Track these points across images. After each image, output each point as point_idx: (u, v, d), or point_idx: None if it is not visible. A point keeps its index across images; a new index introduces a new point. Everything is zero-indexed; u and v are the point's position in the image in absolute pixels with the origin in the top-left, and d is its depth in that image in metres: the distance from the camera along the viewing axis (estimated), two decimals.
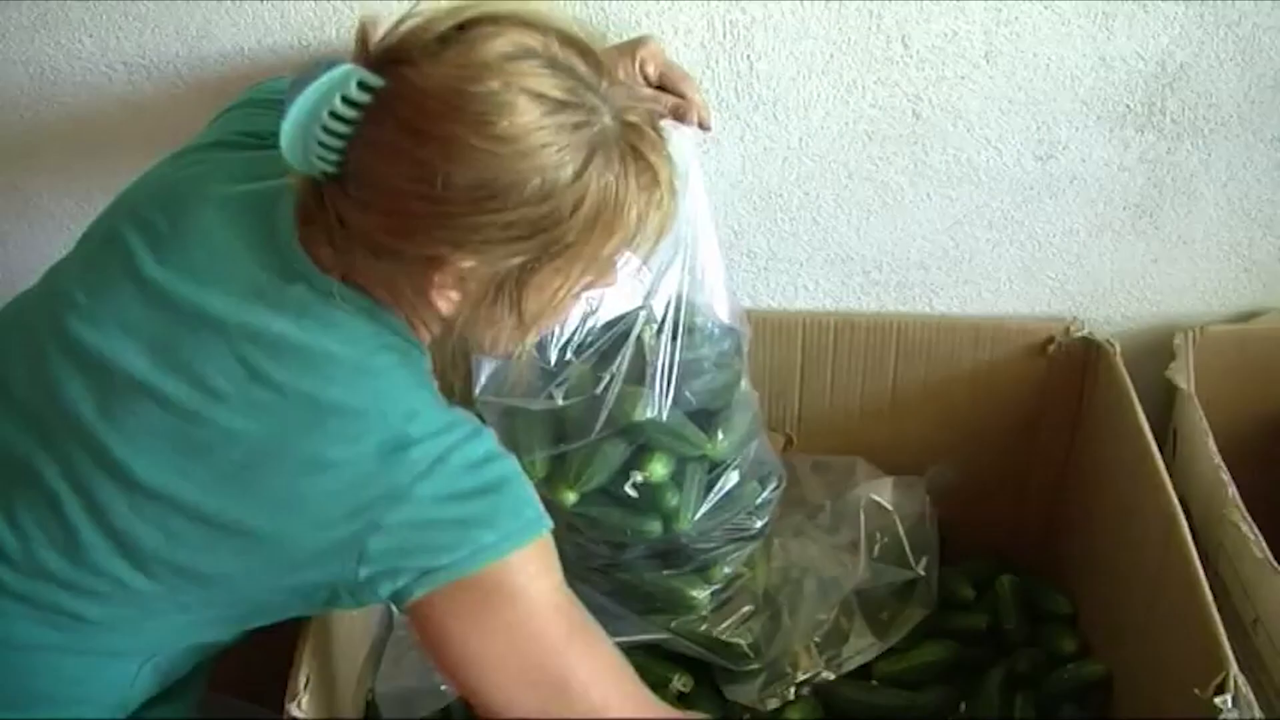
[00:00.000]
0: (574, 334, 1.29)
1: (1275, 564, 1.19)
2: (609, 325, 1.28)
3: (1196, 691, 1.05)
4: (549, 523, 0.97)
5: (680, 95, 1.19)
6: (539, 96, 0.85)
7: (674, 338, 1.24)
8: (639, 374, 1.23)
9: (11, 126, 1.40)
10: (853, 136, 1.39)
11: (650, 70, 1.18)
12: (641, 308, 1.24)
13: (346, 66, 0.85)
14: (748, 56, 1.34)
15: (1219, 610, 1.10)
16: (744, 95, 1.36)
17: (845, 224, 1.45)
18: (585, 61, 0.89)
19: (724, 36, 1.32)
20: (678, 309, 1.26)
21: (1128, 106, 1.37)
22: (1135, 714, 1.30)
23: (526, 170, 0.85)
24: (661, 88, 1.19)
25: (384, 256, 0.90)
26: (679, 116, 1.19)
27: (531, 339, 0.98)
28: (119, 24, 1.34)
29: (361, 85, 0.85)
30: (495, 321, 0.94)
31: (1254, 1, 1.30)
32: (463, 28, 0.86)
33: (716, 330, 1.28)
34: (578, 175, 0.87)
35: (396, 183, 0.86)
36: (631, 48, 1.18)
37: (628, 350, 1.23)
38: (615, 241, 0.92)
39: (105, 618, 0.96)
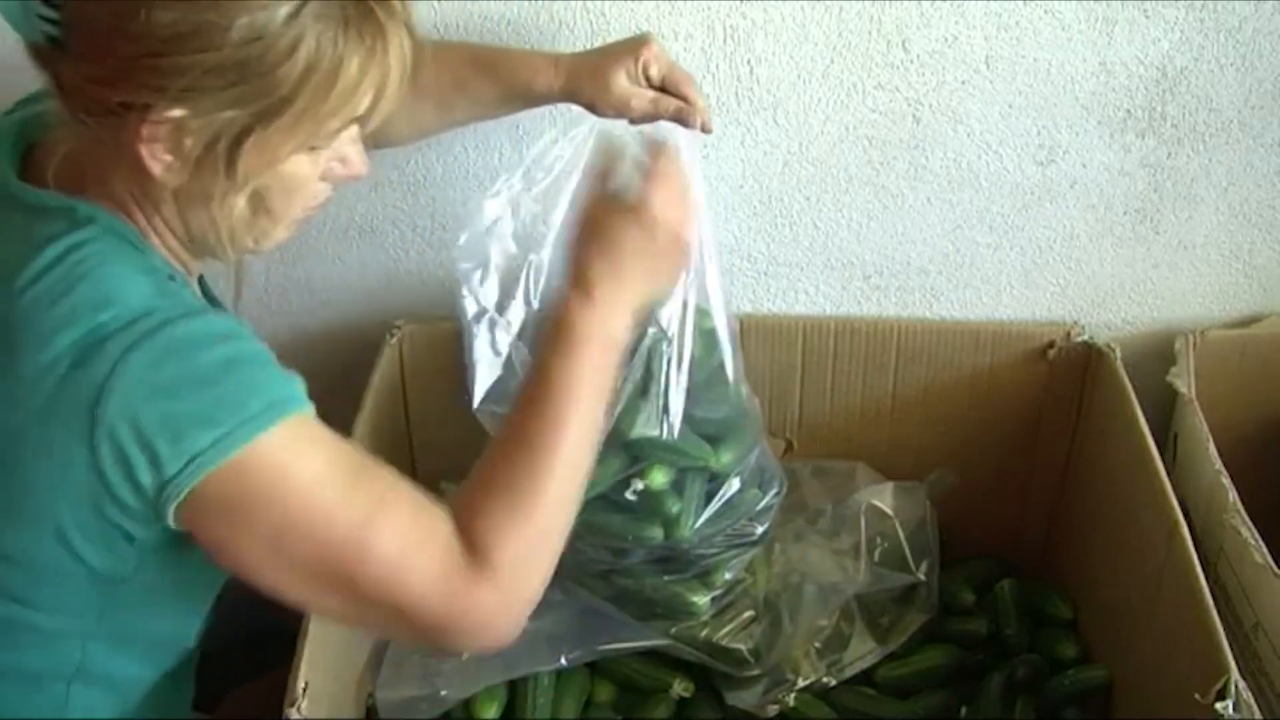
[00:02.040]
0: None
1: (1276, 568, 1.19)
2: None
3: (1197, 696, 1.05)
4: (293, 406, 0.89)
5: (682, 98, 1.18)
6: None
7: (680, 356, 1.24)
8: (644, 389, 1.23)
9: None
10: (853, 141, 1.39)
11: (653, 72, 1.18)
12: (649, 321, 1.24)
13: None
14: (748, 61, 1.34)
15: (1220, 615, 1.10)
16: (744, 99, 1.36)
17: (845, 228, 1.45)
18: None
19: (724, 41, 1.32)
20: (681, 320, 1.26)
21: (1128, 111, 1.37)
22: (1136, 719, 1.29)
23: (233, 7, 0.80)
24: (664, 89, 1.19)
25: (95, 113, 0.84)
26: (680, 120, 1.19)
27: (264, 223, 0.92)
28: None
29: None
30: (215, 194, 0.88)
31: (1254, 6, 1.30)
32: None
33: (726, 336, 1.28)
34: (291, 17, 0.82)
35: (103, 22, 0.81)
36: (634, 46, 1.18)
37: (637, 365, 1.23)
38: (334, 98, 0.86)
39: None
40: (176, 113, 0.83)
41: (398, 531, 0.90)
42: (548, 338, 0.99)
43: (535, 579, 0.95)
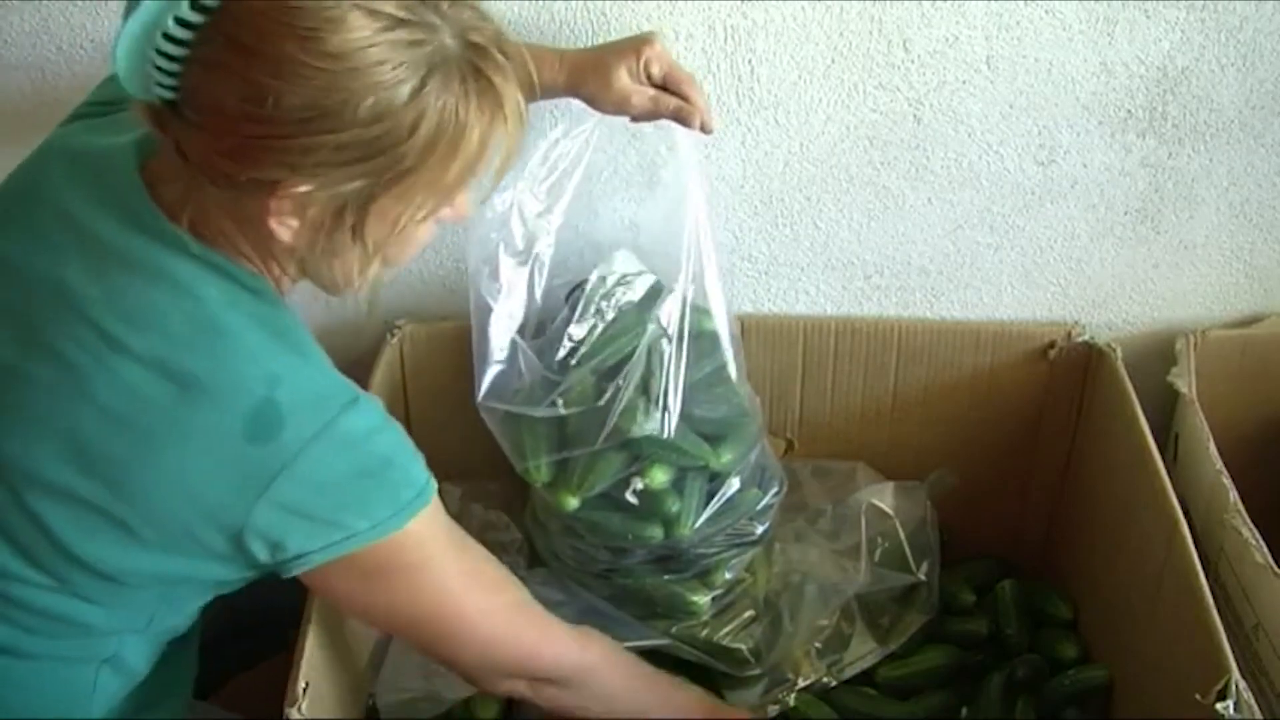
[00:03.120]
0: (580, 342, 1.29)
1: (1276, 568, 1.19)
2: (616, 335, 1.28)
3: (1198, 696, 1.05)
4: (430, 493, 0.98)
5: (684, 98, 1.19)
6: (373, 12, 0.81)
7: (680, 354, 1.24)
8: (645, 387, 1.23)
9: (13, 131, 1.40)
10: (854, 141, 1.39)
11: (654, 70, 1.19)
12: (650, 319, 1.24)
13: None
14: (749, 61, 1.34)
15: (1220, 615, 1.10)
16: (745, 99, 1.36)
17: (846, 228, 1.45)
18: None
19: (725, 41, 1.32)
20: (681, 319, 1.26)
21: (1129, 111, 1.37)
22: (1136, 719, 1.29)
23: (359, 89, 0.82)
24: (665, 89, 1.20)
25: (221, 184, 0.86)
26: (681, 119, 1.19)
27: (378, 270, 0.95)
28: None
29: (194, 4, 0.81)
30: (340, 252, 0.91)
31: (1255, 6, 1.30)
32: None
33: (727, 336, 1.28)
34: (414, 95, 0.83)
35: (228, 103, 0.82)
36: (636, 45, 1.19)
37: (638, 363, 1.23)
38: (458, 166, 0.88)
39: (27, 620, 0.96)
40: (304, 188, 0.85)
41: (497, 602, 1.08)
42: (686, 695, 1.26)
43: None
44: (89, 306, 0.91)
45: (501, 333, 1.29)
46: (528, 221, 1.29)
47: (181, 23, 0.81)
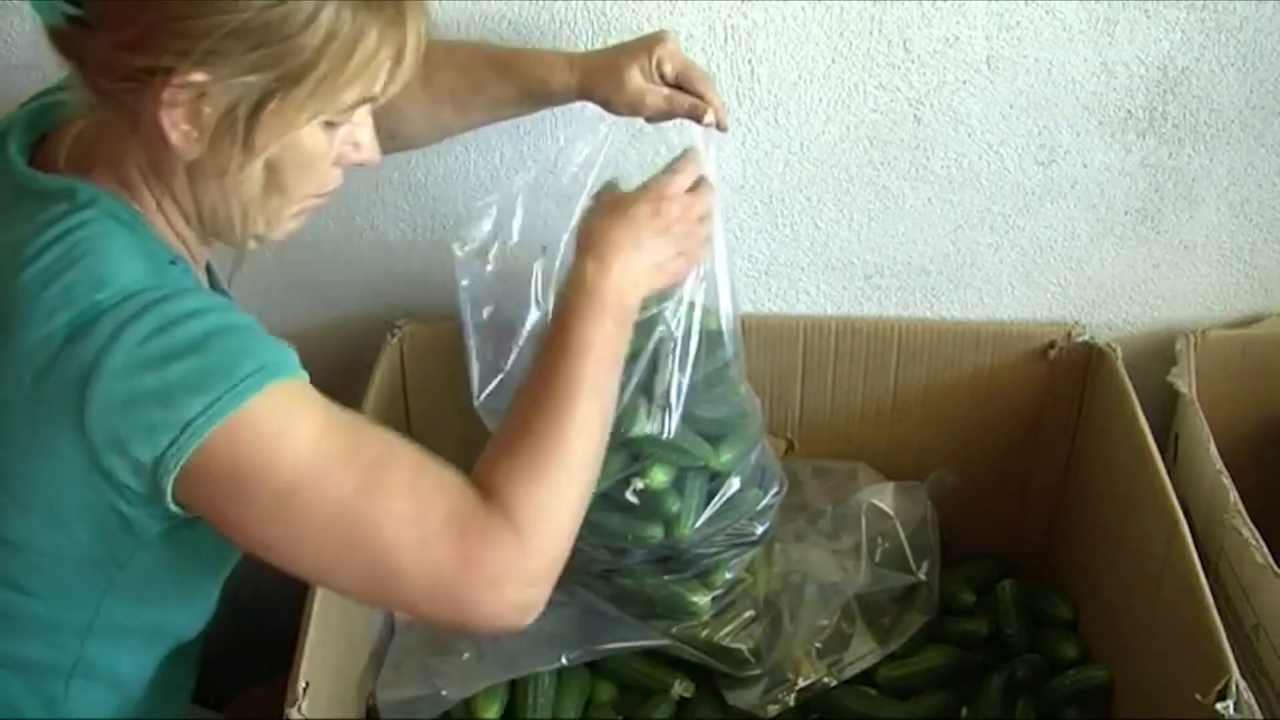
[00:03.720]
0: None
1: (1276, 568, 1.19)
2: None
3: (1198, 696, 1.05)
4: (284, 370, 0.89)
5: (698, 96, 1.18)
6: None
7: (684, 354, 1.24)
8: (647, 388, 1.23)
9: None
10: (854, 141, 1.39)
11: (667, 69, 1.18)
12: (656, 314, 1.24)
13: None
14: (749, 61, 1.34)
15: (1220, 615, 1.10)
16: (745, 99, 1.36)
17: (846, 228, 1.45)
18: None
19: (725, 41, 1.32)
20: (686, 319, 1.26)
21: (1129, 111, 1.37)
22: (1136, 719, 1.29)
23: None
24: (679, 87, 1.19)
25: (116, 80, 0.86)
26: (695, 117, 1.19)
27: (277, 201, 0.93)
28: None
29: None
30: (227, 162, 0.89)
31: (1255, 6, 1.30)
32: None
33: (729, 336, 1.28)
34: None
35: None
36: (649, 44, 1.18)
37: (640, 363, 1.23)
38: (353, 66, 0.87)
39: None
40: (198, 77, 0.84)
41: (403, 484, 0.90)
42: (564, 303, 1.01)
43: (557, 532, 0.94)
44: None
45: (500, 332, 1.29)
46: (528, 226, 1.29)
47: None
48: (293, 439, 0.87)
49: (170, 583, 1.01)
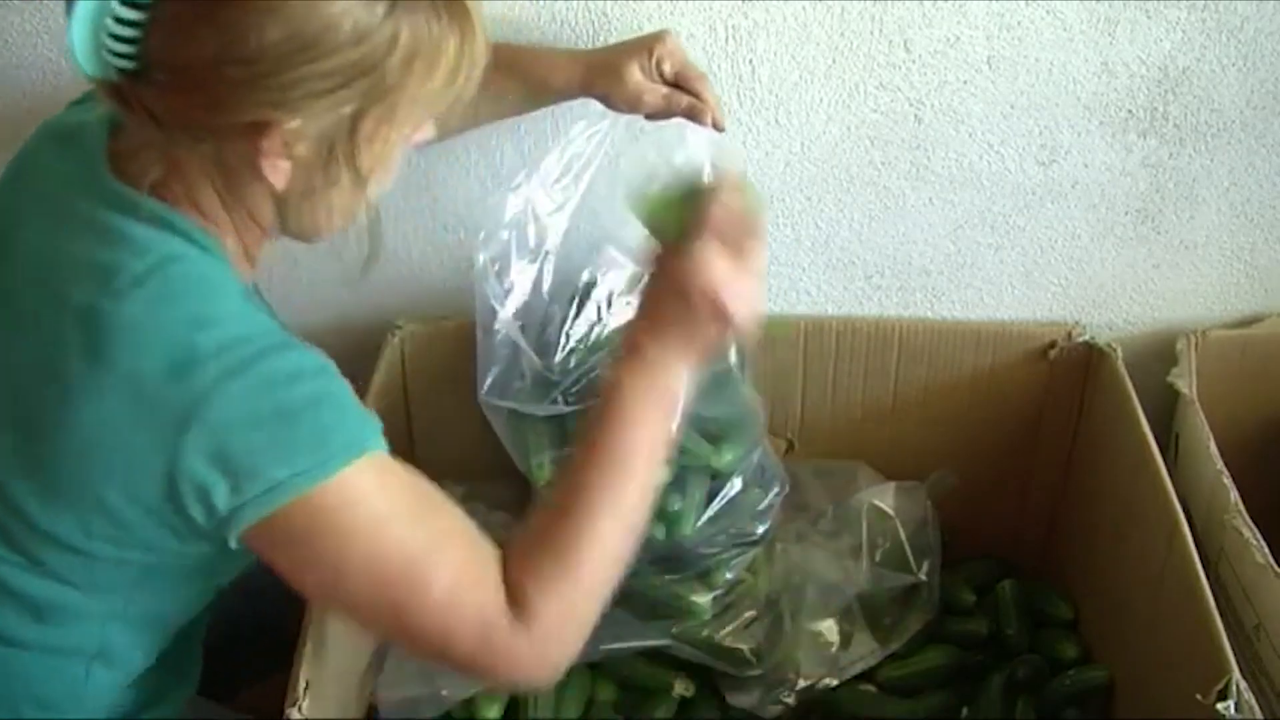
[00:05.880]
0: (582, 340, 1.29)
1: (1277, 569, 1.19)
2: (618, 333, 1.28)
3: (1199, 697, 1.05)
4: (370, 447, 0.91)
5: (695, 95, 1.19)
6: None
7: None
8: None
9: (14, 131, 1.40)
10: (855, 141, 1.39)
11: (666, 68, 1.19)
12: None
13: None
14: (750, 60, 1.34)
15: (1221, 615, 1.10)
16: (746, 99, 1.36)
17: (847, 228, 1.45)
18: None
19: (726, 41, 1.32)
20: None
21: (1130, 111, 1.37)
22: (1137, 719, 1.29)
23: (336, 14, 0.83)
24: (678, 86, 1.20)
25: (205, 137, 0.87)
26: (693, 116, 1.20)
27: (366, 201, 0.95)
28: None
29: None
30: (330, 186, 0.91)
31: (1256, 6, 1.30)
32: None
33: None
34: (388, 13, 0.85)
35: (203, 54, 0.82)
36: (649, 43, 1.19)
37: None
38: (439, 79, 0.89)
39: (14, 605, 0.97)
40: (293, 124, 0.85)
41: (451, 574, 0.93)
42: (601, 400, 1.00)
43: (574, 636, 0.97)
44: (40, 264, 0.92)
45: (505, 330, 1.29)
46: (540, 219, 1.29)
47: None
48: (363, 514, 0.91)
49: (196, 580, 1.03)
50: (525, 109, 1.29)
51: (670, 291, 0.98)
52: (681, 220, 0.99)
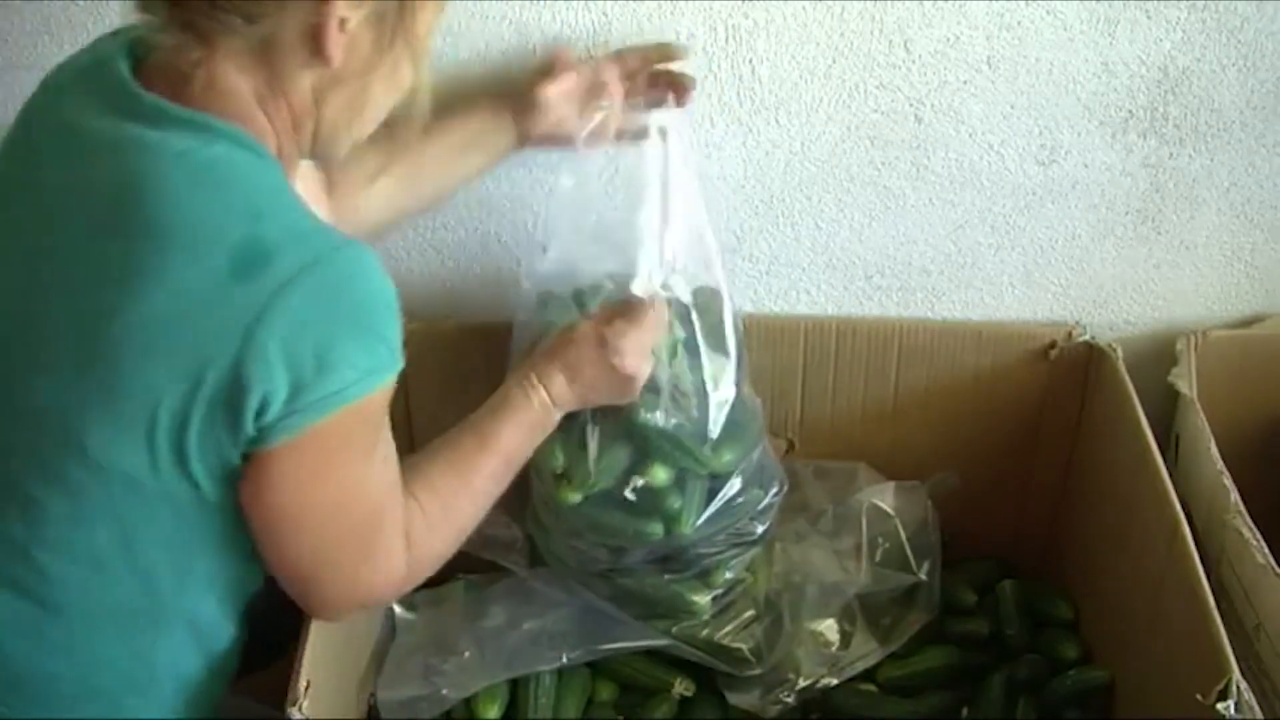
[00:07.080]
0: None
1: (1277, 569, 1.19)
2: None
3: (1199, 697, 1.05)
4: (399, 363, 0.94)
5: (654, 71, 1.26)
6: None
7: (688, 354, 1.24)
8: (651, 384, 1.23)
9: None
10: (855, 141, 1.39)
11: (630, 62, 1.25)
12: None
13: None
14: (750, 61, 1.34)
15: (1221, 615, 1.10)
16: (746, 99, 1.36)
17: (847, 228, 1.45)
18: None
19: (726, 41, 1.32)
20: (689, 318, 1.26)
21: (1130, 111, 1.37)
22: (1137, 719, 1.29)
23: None
24: (653, 76, 1.27)
25: (262, 16, 0.87)
26: (674, 90, 1.26)
27: (368, 112, 0.97)
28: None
29: None
30: (373, 70, 0.93)
31: (1257, 6, 1.30)
32: None
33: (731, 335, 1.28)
34: None
35: None
36: (606, 58, 1.27)
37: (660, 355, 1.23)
38: None
39: (72, 577, 0.96)
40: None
41: (397, 503, 1.03)
42: (494, 399, 1.17)
43: (432, 569, 1.10)
44: (79, 192, 0.91)
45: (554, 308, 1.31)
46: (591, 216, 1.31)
47: None
48: (376, 435, 0.98)
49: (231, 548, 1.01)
50: (500, 155, 1.32)
51: (598, 358, 1.16)
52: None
